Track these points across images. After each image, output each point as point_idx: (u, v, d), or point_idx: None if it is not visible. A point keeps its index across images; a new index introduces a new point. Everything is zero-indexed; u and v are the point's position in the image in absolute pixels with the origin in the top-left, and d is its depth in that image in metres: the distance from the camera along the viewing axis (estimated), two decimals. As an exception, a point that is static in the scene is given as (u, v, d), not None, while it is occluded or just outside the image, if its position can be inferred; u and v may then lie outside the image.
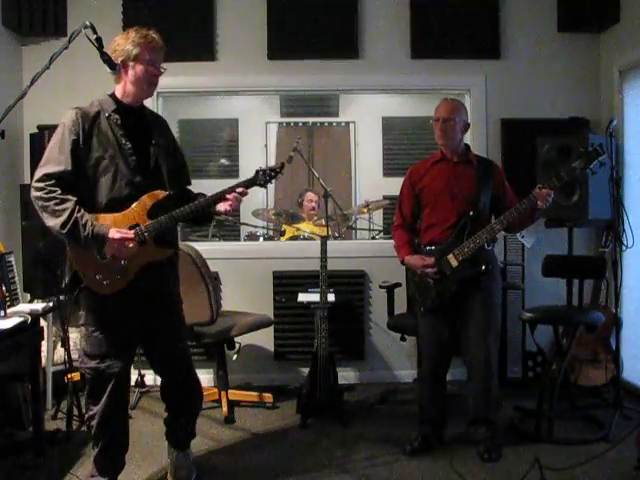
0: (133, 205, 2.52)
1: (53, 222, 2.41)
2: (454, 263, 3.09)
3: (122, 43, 2.55)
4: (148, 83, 2.58)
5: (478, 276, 3.11)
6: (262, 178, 2.65)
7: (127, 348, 2.65)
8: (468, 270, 3.09)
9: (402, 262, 3.29)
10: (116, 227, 2.46)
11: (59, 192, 2.43)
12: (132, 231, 2.47)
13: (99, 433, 2.63)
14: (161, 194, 2.56)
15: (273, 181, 2.72)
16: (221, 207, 2.60)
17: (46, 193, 2.42)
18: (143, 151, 2.59)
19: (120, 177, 2.51)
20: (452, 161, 3.21)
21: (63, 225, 2.39)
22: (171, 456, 2.91)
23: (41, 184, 2.43)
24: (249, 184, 2.67)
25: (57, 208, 2.41)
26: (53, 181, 2.44)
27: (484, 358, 3.12)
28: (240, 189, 2.62)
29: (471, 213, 3.09)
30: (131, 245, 2.46)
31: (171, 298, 2.73)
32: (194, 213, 2.56)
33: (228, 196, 2.59)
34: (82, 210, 2.43)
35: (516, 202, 3.12)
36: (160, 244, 2.56)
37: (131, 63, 2.54)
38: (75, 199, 2.44)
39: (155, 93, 4.47)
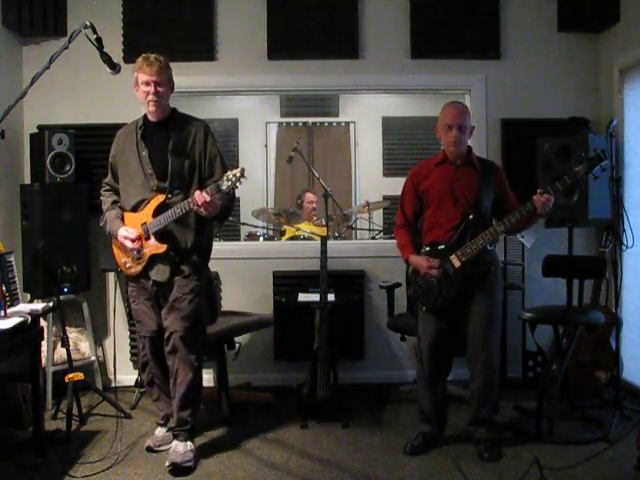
0: (146, 206, 3.07)
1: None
2: (457, 264, 3.10)
3: None
4: (146, 102, 3.03)
5: (481, 277, 3.12)
6: (226, 184, 2.81)
7: (154, 318, 3.19)
8: (470, 271, 3.10)
9: (406, 261, 3.30)
10: (132, 225, 3.08)
11: (106, 195, 3.27)
12: (133, 230, 3.07)
13: (142, 374, 3.39)
14: (160, 198, 3.04)
15: (238, 185, 2.82)
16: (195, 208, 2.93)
17: (101, 196, 3.30)
18: (162, 158, 3.06)
19: (141, 182, 3.08)
20: (455, 163, 3.22)
21: (100, 220, 3.26)
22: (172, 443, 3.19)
23: (101, 190, 3.32)
24: (215, 190, 2.86)
25: (102, 207, 3.28)
26: (106, 187, 3.30)
27: (485, 358, 3.13)
28: (203, 197, 2.85)
29: (474, 215, 3.10)
30: (129, 245, 3.07)
31: (177, 288, 3.10)
32: (177, 214, 2.97)
33: (196, 200, 2.87)
34: (113, 210, 3.19)
35: (516, 203, 3.14)
36: (160, 240, 3.05)
37: (136, 88, 3.06)
38: (113, 200, 3.23)
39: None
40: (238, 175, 2.80)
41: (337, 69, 4.52)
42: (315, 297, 3.84)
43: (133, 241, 3.06)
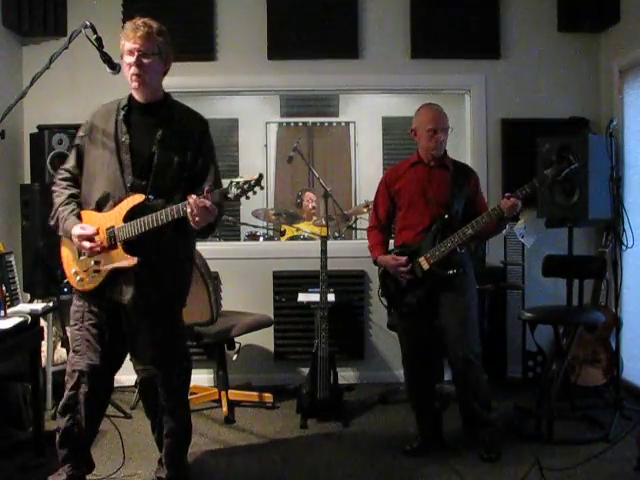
0: (116, 206, 2.44)
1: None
2: (425, 266, 3.08)
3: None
4: (130, 75, 2.46)
5: (450, 279, 3.07)
6: (234, 192, 2.23)
7: (100, 350, 2.54)
8: (439, 273, 3.07)
9: (375, 262, 3.28)
10: (93, 225, 2.43)
11: (62, 186, 2.56)
12: (92, 228, 2.41)
13: (60, 418, 2.64)
14: (138, 198, 2.41)
15: (250, 194, 2.23)
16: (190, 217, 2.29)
17: (55, 185, 2.60)
18: (146, 149, 2.46)
19: (113, 174, 2.46)
20: (429, 165, 3.20)
21: (50, 218, 2.55)
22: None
23: (56, 178, 2.63)
24: (218, 197, 2.28)
25: (54, 201, 2.55)
26: (64, 175, 2.59)
27: (463, 358, 3.06)
28: (203, 202, 2.24)
29: (446, 216, 3.07)
30: (87, 244, 2.40)
31: (148, 315, 2.52)
32: (161, 221, 2.33)
33: (190, 208, 2.26)
34: (69, 205, 2.50)
35: (485, 208, 3.13)
36: (129, 251, 2.41)
37: (122, 61, 2.49)
38: (70, 193, 2.54)
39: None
40: (253, 183, 2.19)
41: (337, 69, 4.52)
42: (315, 297, 3.84)
43: (91, 239, 2.40)
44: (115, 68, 2.45)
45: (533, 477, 2.73)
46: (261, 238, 5.19)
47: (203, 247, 3.90)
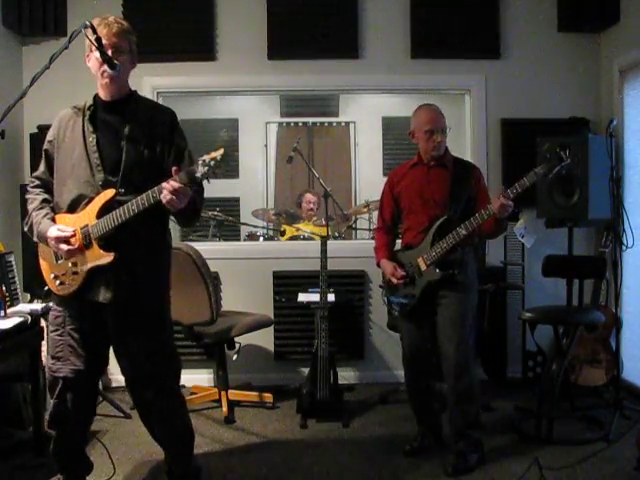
0: (89, 205, 2.39)
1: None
2: (423, 267, 3.07)
3: None
4: (100, 73, 2.44)
5: (448, 279, 3.04)
6: (202, 170, 2.16)
7: (83, 355, 2.44)
8: (436, 274, 3.04)
9: (378, 264, 3.29)
10: (69, 227, 2.39)
11: (35, 193, 2.55)
12: (70, 229, 2.37)
13: (50, 428, 2.56)
14: (109, 194, 2.36)
15: (217, 172, 2.16)
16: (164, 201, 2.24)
17: (28, 194, 2.58)
18: (114, 147, 2.42)
19: (84, 176, 2.41)
20: (428, 165, 3.18)
21: (25, 223, 2.53)
22: None
23: (28, 187, 2.60)
24: (185, 178, 2.21)
25: (28, 207, 2.54)
26: (35, 182, 2.58)
27: (454, 363, 2.99)
28: (172, 185, 2.19)
29: (446, 217, 3.05)
30: (64, 247, 2.35)
31: (130, 312, 2.43)
32: (132, 211, 2.29)
33: (164, 190, 2.21)
34: (42, 210, 2.48)
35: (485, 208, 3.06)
36: (106, 248, 2.36)
37: (87, 56, 2.47)
38: (43, 198, 2.52)
39: (155, 92, 4.48)
40: (219, 158, 2.14)
41: (337, 69, 4.52)
42: (315, 297, 3.85)
43: (69, 242, 2.36)
44: (115, 68, 2.44)
45: (533, 477, 2.73)
46: (261, 238, 5.19)
47: (203, 247, 3.91)
